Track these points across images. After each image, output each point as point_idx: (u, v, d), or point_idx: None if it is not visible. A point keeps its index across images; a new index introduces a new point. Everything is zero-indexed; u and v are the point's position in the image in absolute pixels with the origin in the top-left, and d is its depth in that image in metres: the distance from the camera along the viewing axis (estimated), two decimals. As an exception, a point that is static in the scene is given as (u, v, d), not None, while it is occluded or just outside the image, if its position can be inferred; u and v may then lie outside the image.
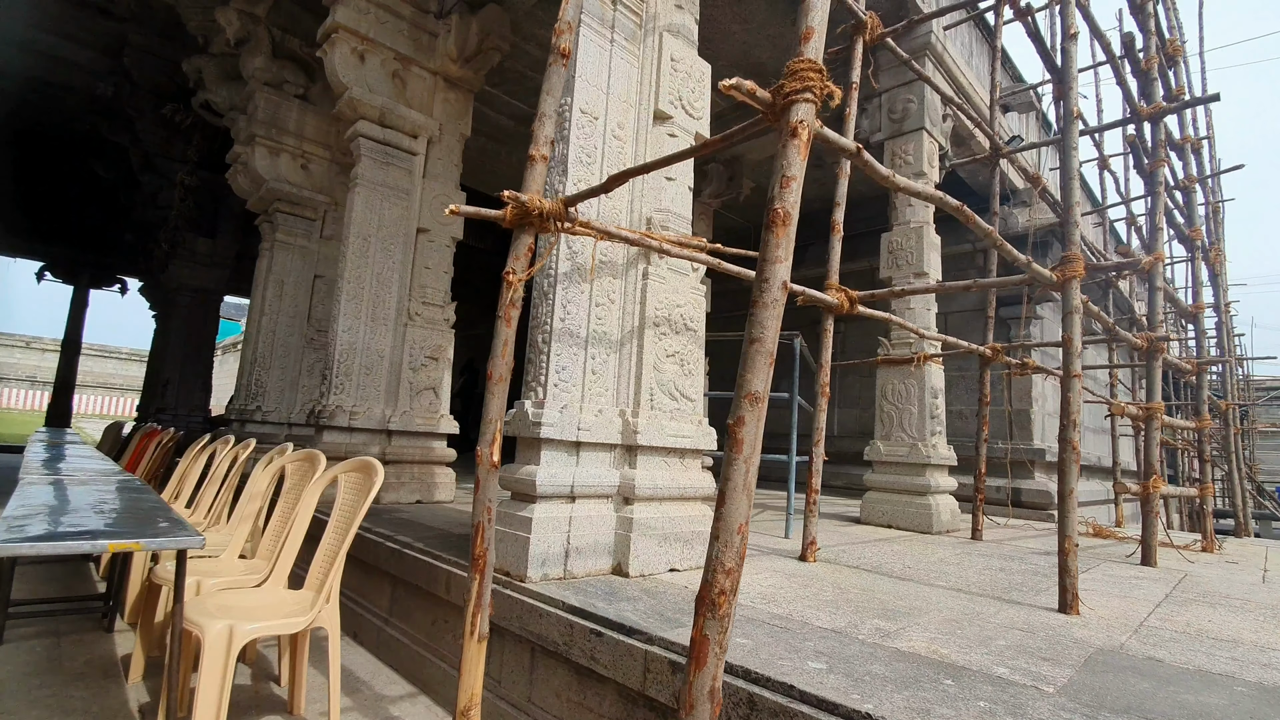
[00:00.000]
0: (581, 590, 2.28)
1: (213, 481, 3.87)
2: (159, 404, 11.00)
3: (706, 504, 2.98)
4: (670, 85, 3.03)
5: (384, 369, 4.66)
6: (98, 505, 2.25)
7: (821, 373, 3.41)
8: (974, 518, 4.65)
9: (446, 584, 2.63)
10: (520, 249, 2.15)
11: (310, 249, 6.65)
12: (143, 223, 12.19)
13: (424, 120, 4.88)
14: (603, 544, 2.58)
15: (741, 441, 1.31)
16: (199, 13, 6.93)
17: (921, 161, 5.36)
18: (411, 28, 4.86)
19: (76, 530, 1.76)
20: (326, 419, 4.33)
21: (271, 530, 2.80)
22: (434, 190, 4.96)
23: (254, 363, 6.31)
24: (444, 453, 4.79)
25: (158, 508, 2.29)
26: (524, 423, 2.52)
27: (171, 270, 10.36)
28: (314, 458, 2.84)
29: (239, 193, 6.90)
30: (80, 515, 1.99)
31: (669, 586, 2.43)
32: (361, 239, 4.60)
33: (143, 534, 1.78)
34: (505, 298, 2.12)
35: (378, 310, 4.65)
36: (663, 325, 2.85)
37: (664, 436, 2.75)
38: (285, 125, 6.39)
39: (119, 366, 41.44)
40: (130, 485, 2.80)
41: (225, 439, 4.18)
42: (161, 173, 10.50)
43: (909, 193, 2.08)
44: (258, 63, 6.25)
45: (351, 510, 2.35)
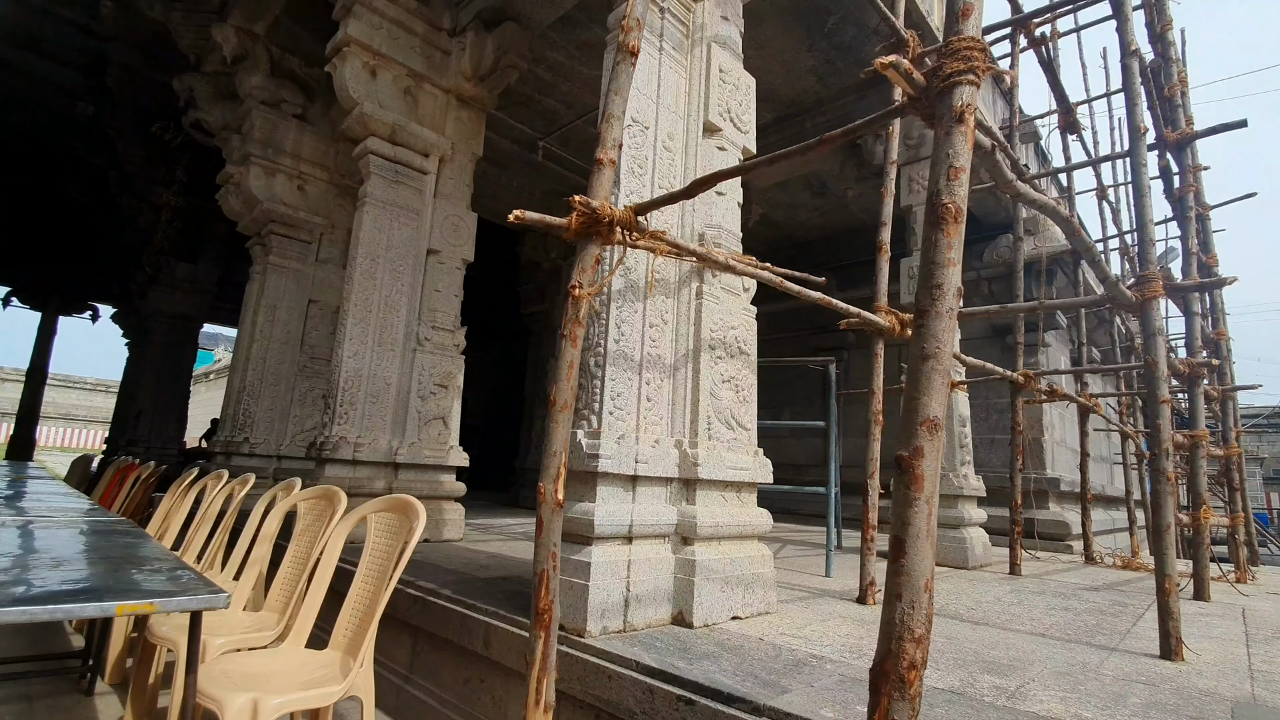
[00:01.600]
0: (649, 645, 2.02)
1: (204, 521, 3.51)
2: (130, 435, 10.45)
3: (763, 542, 2.74)
4: (719, 97, 2.88)
5: (391, 397, 4.37)
6: (89, 554, 1.94)
7: (874, 400, 3.22)
8: (1011, 552, 4.46)
9: (485, 638, 2.34)
10: (587, 260, 1.94)
11: (305, 272, 6.36)
12: (119, 246, 11.76)
13: (436, 139, 4.69)
14: (662, 590, 2.32)
15: (921, 478, 1.10)
16: (192, 30, 6.71)
17: (940, 186, 5.29)
18: (424, 44, 4.70)
19: (75, 588, 1.47)
20: (330, 451, 4.02)
21: (284, 579, 2.49)
22: (445, 210, 4.75)
23: (242, 391, 5.95)
24: (453, 487, 4.48)
25: (160, 556, 1.98)
26: (577, 455, 2.27)
27: (150, 296, 9.93)
28: (332, 495, 2.55)
29: (230, 214, 6.61)
30: (73, 567, 1.69)
31: (743, 639, 2.17)
32: (369, 260, 4.35)
33: (155, 591, 1.50)
34: (570, 314, 1.90)
35: (385, 335, 4.38)
36: (718, 348, 2.64)
37: (723, 469, 2.52)
38: (282, 145, 6.16)
39: (83, 397, 39.98)
40: (120, 529, 2.48)
41: (218, 474, 3.84)
42: (141, 195, 10.14)
43: (1026, 200, 1.91)
44: (255, 81, 6.03)
45: (385, 558, 2.07)
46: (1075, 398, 5.19)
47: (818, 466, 8.95)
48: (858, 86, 5.97)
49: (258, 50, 6.06)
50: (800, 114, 6.35)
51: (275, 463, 5.97)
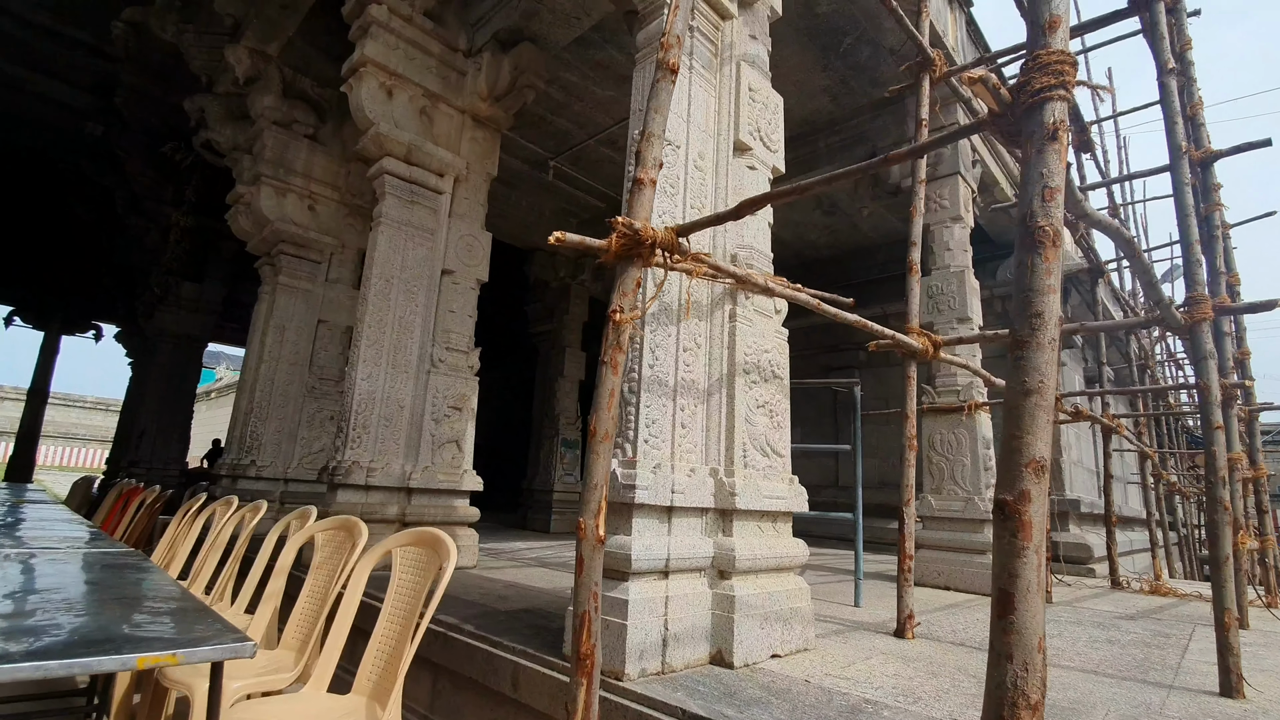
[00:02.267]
0: (692, 689, 1.90)
1: (213, 550, 3.40)
2: (132, 456, 10.33)
3: (799, 575, 2.63)
4: (749, 116, 2.83)
5: (404, 420, 4.28)
6: (100, 592, 1.84)
7: (908, 424, 3.12)
8: (1044, 579, 4.32)
9: (513, 679, 2.22)
10: (628, 283, 1.86)
11: (314, 293, 6.29)
12: (124, 266, 11.74)
13: (451, 158, 4.65)
14: (700, 628, 2.21)
15: (1029, 525, 1.01)
16: (203, 52, 6.73)
17: (958, 205, 5.25)
18: (440, 65, 4.68)
19: (90, 637, 1.36)
20: (342, 476, 3.91)
21: (301, 615, 2.38)
22: (460, 230, 4.69)
23: (250, 413, 5.85)
24: (467, 512, 4.37)
25: (176, 595, 1.88)
26: (611, 485, 2.17)
27: (156, 316, 9.87)
28: (351, 527, 2.45)
29: (239, 234, 6.57)
30: (84, 610, 1.59)
31: (788, 681, 2.06)
32: (384, 280, 4.29)
33: (177, 640, 1.39)
34: (610, 340, 1.82)
35: (399, 356, 4.30)
36: (752, 372, 2.56)
37: (760, 498, 2.42)
38: (293, 165, 6.13)
39: (83, 416, 39.83)
40: (129, 561, 2.37)
41: (226, 500, 3.73)
42: (149, 215, 10.13)
43: (1091, 222, 1.84)
44: (267, 101, 6.02)
45: (412, 596, 1.96)
46: (1100, 419, 5.09)
47: (829, 487, 8.82)
48: (872, 106, 5.95)
49: (270, 71, 6.05)
50: (814, 133, 6.33)
51: (282, 486, 5.86)
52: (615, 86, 5.83)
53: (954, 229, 5.24)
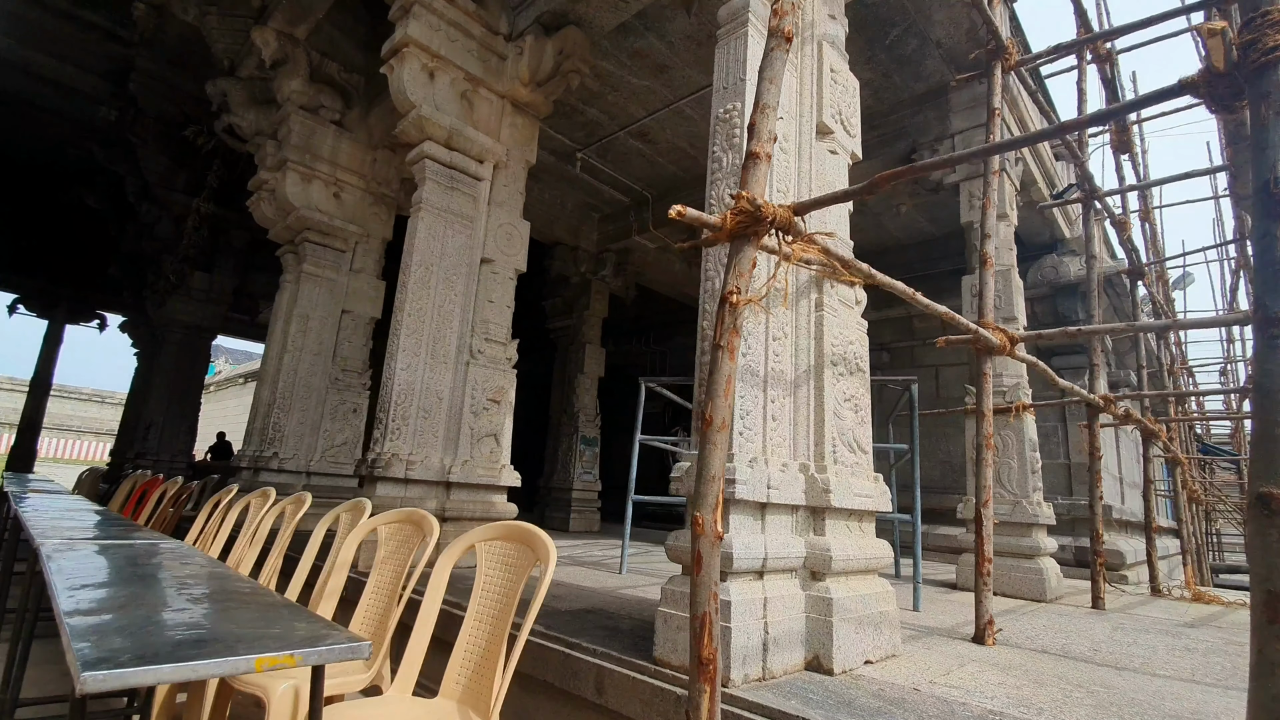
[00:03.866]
0: (804, 697, 1.79)
1: (253, 544, 3.27)
2: (140, 448, 10.15)
3: (883, 577, 2.51)
4: (831, 98, 2.72)
5: (443, 412, 4.15)
6: (178, 588, 1.71)
7: (985, 422, 3.01)
8: (1094, 585, 4.23)
9: (597, 684, 2.10)
10: (744, 264, 1.74)
11: (339, 282, 6.16)
12: (133, 255, 11.54)
13: (491, 144, 4.52)
14: (796, 632, 2.09)
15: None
16: (226, 35, 6.58)
17: (1003, 202, 5.14)
18: (481, 48, 4.56)
19: (197, 636, 1.24)
20: (381, 468, 3.78)
21: (368, 614, 2.25)
22: (499, 218, 4.56)
23: (272, 404, 5.71)
24: (505, 508, 4.24)
25: (258, 590, 1.75)
26: (704, 480, 2.05)
27: (168, 305, 9.71)
28: (420, 520, 2.32)
29: (261, 221, 6.43)
30: (180, 609, 1.46)
31: (898, 689, 1.94)
32: (424, 268, 4.16)
33: (290, 639, 1.27)
34: (726, 323, 1.70)
35: (438, 347, 4.17)
36: (839, 364, 2.44)
37: (851, 496, 2.30)
38: (319, 151, 6.00)
39: (78, 407, 39.43)
40: (194, 558, 2.24)
41: (264, 491, 3.59)
42: (161, 203, 9.96)
43: None
44: (294, 85, 5.89)
45: (504, 595, 1.84)
46: (1146, 423, 5.00)
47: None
48: (913, 100, 5.85)
49: (298, 54, 5.92)
50: (850, 128, 6.21)
51: (304, 479, 5.72)
52: (652, 76, 5.71)
53: (999, 226, 5.13)
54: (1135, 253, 6.10)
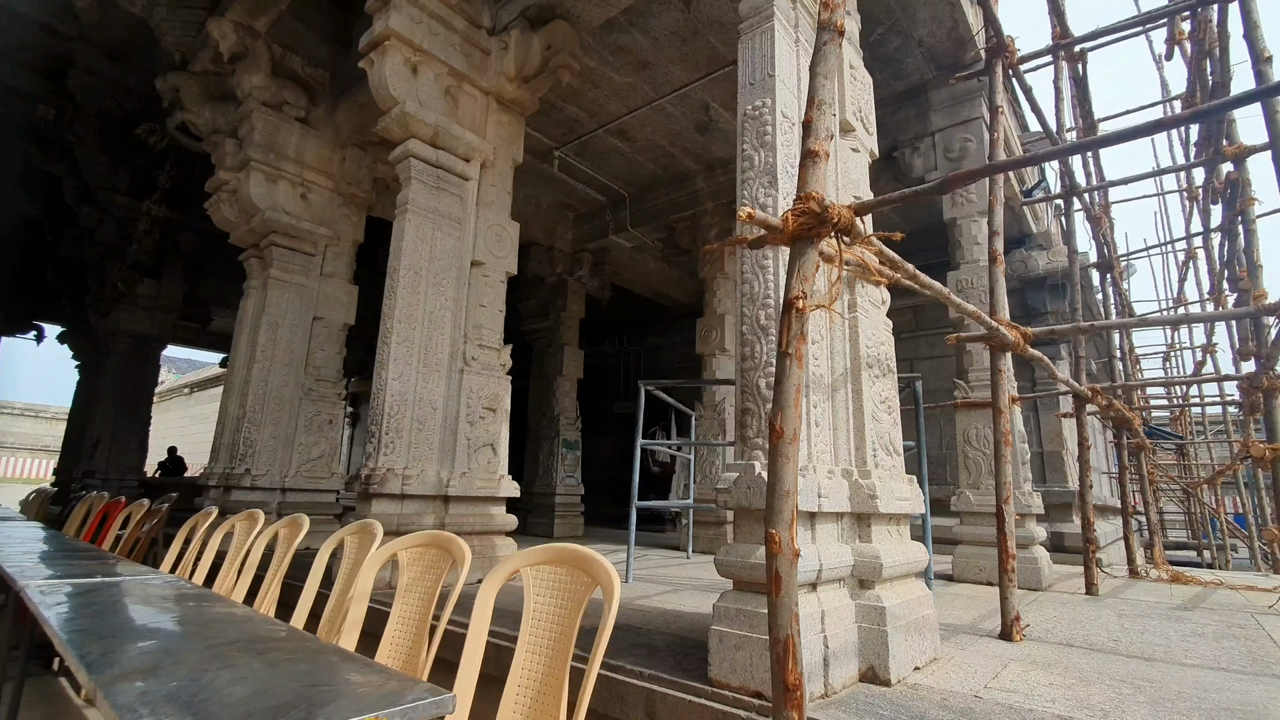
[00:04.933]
0: (873, 713, 1.73)
1: (245, 572, 3.06)
2: (88, 466, 9.53)
3: (921, 579, 2.49)
4: (852, 95, 2.67)
5: (437, 423, 3.97)
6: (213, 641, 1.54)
7: (1001, 419, 3.02)
8: (1087, 571, 4.34)
9: (648, 709, 2.00)
10: (808, 267, 1.67)
11: (309, 287, 5.87)
12: (72, 261, 10.83)
13: (478, 142, 4.36)
14: (850, 644, 2.03)
15: None
16: (178, 27, 6.19)
17: (985, 199, 5.23)
18: (464, 42, 4.38)
19: (269, 702, 1.10)
20: (377, 485, 3.59)
21: (393, 649, 2.10)
22: (488, 219, 4.40)
23: (241, 418, 5.40)
24: (504, 520, 4.10)
25: (295, 635, 1.60)
26: (754, 489, 1.98)
27: (113, 314, 9.13)
28: (447, 543, 2.18)
29: (221, 224, 6.08)
30: (225, 666, 1.30)
31: (960, 698, 1.91)
32: (412, 272, 3.97)
33: (369, 697, 1.14)
34: (793, 329, 1.63)
35: (430, 355, 3.99)
36: (874, 366, 2.40)
37: (893, 501, 2.26)
38: (284, 150, 5.70)
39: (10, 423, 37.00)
40: (205, 595, 2.05)
41: (251, 514, 3.37)
42: (103, 206, 9.36)
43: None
44: (256, 80, 5.57)
45: (559, 624, 1.72)
46: (1123, 410, 5.16)
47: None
48: (892, 99, 5.89)
49: (258, 48, 5.60)
50: (831, 126, 6.24)
51: (280, 495, 5.44)
52: (634, 73, 5.61)
53: (982, 223, 5.22)
54: (1107, 246, 6.30)
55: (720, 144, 6.61)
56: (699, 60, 5.41)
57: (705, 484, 6.34)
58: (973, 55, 5.25)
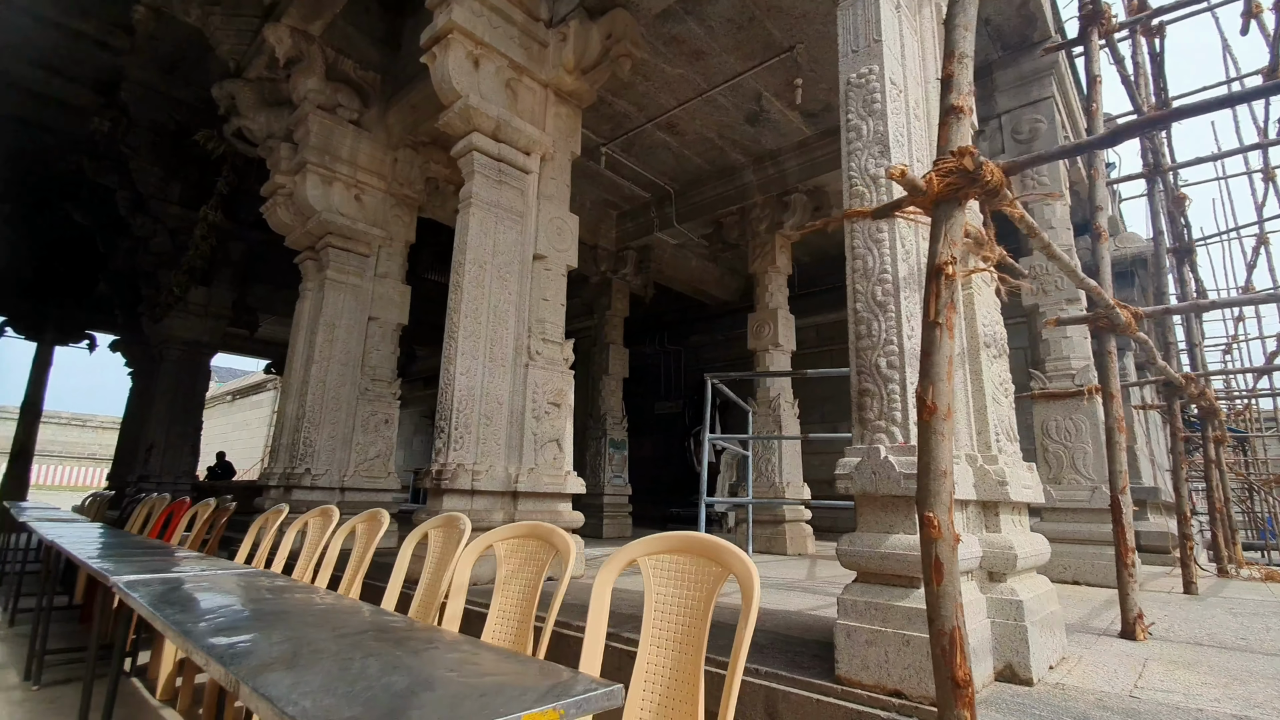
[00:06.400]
0: (1030, 713, 1.59)
1: (324, 568, 3.02)
2: (141, 471, 9.74)
3: (1042, 574, 2.33)
4: (953, 61, 2.53)
5: (503, 418, 3.92)
6: (341, 631, 1.47)
7: (1114, 403, 2.84)
8: (1185, 570, 4.10)
9: (769, 709, 1.89)
10: (956, 230, 1.55)
11: (363, 288, 5.89)
12: (125, 271, 11.12)
13: (538, 135, 4.31)
14: (985, 640, 1.89)
15: None
16: (232, 35, 6.29)
17: (1058, 183, 5.02)
18: (522, 35, 4.34)
19: (440, 696, 1.02)
20: (448, 480, 3.54)
21: (498, 642, 2.02)
22: (549, 212, 4.34)
23: (301, 418, 5.42)
24: (572, 517, 4.02)
25: (415, 626, 1.53)
26: (880, 474, 1.86)
27: (165, 322, 9.34)
28: (547, 534, 2.10)
29: (277, 228, 6.14)
30: (368, 655, 1.23)
31: (1116, 699, 1.76)
32: (477, 266, 3.92)
33: (535, 690, 1.05)
34: (943, 298, 1.50)
35: (495, 349, 3.94)
36: (991, 346, 2.26)
37: (1020, 489, 2.11)
38: (339, 152, 5.74)
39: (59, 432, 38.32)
40: (301, 587, 2.00)
41: (324, 509, 3.34)
42: (155, 216, 9.60)
43: None
44: (311, 84, 5.62)
45: (687, 616, 1.63)
46: (1212, 401, 4.89)
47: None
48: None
49: (313, 52, 5.66)
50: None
51: (339, 495, 5.45)
52: (687, 63, 5.52)
53: (1055, 206, 5.01)
54: (1187, 228, 6.02)
55: (771, 135, 6.49)
56: (754, 48, 5.30)
57: (761, 482, 6.20)
58: (1040, 32, 5.06)
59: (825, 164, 6.41)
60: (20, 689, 3.28)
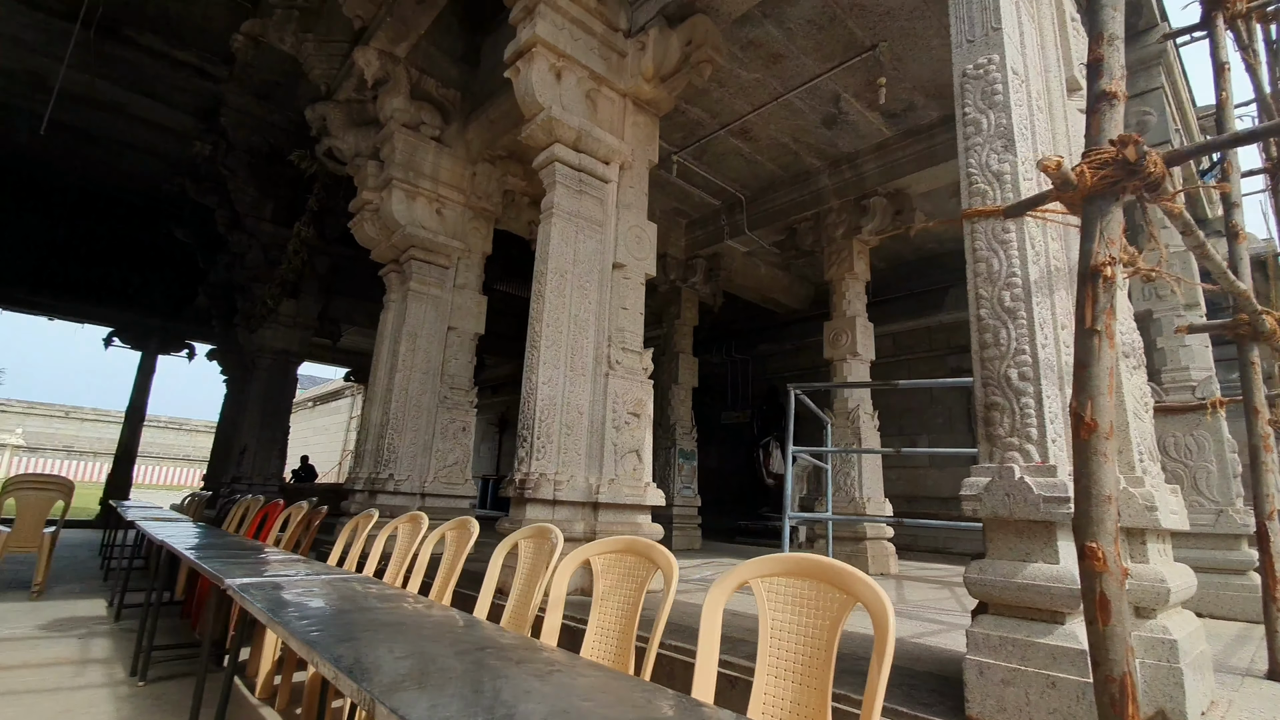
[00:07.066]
0: (1205, 773, 1.41)
1: (415, 574, 3.06)
2: (235, 472, 10.33)
3: (1189, 609, 2.10)
4: (1077, 50, 2.36)
5: (584, 428, 3.90)
6: (461, 649, 1.46)
7: (1258, 419, 2.56)
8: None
9: (889, 744, 1.75)
10: (1113, 227, 1.40)
11: (443, 299, 6.04)
12: (221, 285, 11.89)
13: (617, 144, 4.30)
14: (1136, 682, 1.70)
15: None
16: (324, 60, 6.62)
17: (1175, 176, 4.63)
18: (602, 46, 4.36)
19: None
20: (531, 489, 3.54)
21: (599, 660, 1.97)
22: (628, 221, 4.33)
23: (385, 425, 5.60)
24: (651, 529, 3.95)
25: (529, 644, 1.49)
26: (1015, 496, 1.71)
27: (259, 332, 9.89)
28: (645, 549, 2.04)
29: (363, 242, 6.39)
30: (500, 678, 1.20)
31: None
32: (559, 275, 3.94)
33: None
34: (1101, 302, 1.36)
35: (575, 359, 3.94)
36: (1130, 357, 2.06)
37: (1168, 514, 1.91)
38: (421, 168, 5.92)
39: (155, 435, 41.17)
40: (407, 596, 2.01)
41: (413, 516, 3.40)
42: (251, 232, 10.21)
43: None
44: (396, 103, 5.84)
45: (813, 648, 1.52)
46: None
47: (968, 499, 8.10)
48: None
49: (398, 73, 5.88)
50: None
51: (420, 500, 5.58)
52: (763, 67, 5.43)
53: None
54: (1322, 227, 5.45)
55: (848, 137, 6.30)
56: (834, 49, 5.16)
57: (840, 496, 5.97)
58: (1146, 20, 4.72)
59: (907, 165, 6.17)
60: (127, 684, 3.45)
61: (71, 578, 6.46)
